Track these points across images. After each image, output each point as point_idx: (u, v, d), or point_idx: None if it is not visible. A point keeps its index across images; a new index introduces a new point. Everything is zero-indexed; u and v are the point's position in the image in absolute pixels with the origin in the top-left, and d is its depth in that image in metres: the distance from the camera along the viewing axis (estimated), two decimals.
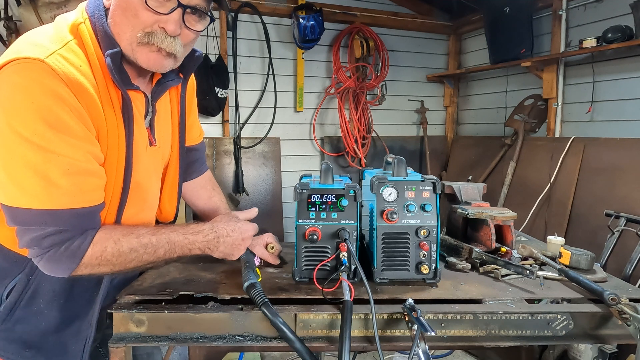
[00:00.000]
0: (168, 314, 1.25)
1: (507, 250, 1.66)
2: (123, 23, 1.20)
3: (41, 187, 1.11)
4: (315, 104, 5.12)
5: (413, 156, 5.54)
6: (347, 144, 5.05)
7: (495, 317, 1.27)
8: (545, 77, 4.31)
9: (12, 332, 1.32)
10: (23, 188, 1.11)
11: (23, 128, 1.08)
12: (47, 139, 1.09)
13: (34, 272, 1.29)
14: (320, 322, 1.26)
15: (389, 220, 1.42)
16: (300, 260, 1.45)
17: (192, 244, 1.35)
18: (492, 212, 1.69)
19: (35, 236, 1.14)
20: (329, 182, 1.50)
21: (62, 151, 1.12)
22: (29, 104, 1.07)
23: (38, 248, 1.16)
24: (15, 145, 1.09)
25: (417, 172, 1.61)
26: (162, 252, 1.29)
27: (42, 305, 1.32)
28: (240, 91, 4.70)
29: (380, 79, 5.16)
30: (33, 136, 1.08)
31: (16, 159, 1.09)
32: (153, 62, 1.24)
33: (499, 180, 4.57)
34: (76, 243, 1.17)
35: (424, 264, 1.43)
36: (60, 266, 1.18)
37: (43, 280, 1.31)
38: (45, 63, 1.09)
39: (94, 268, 1.22)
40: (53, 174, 1.11)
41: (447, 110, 5.78)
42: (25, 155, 1.09)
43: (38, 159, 1.09)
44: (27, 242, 1.16)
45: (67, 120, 1.12)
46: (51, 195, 1.12)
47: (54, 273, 1.20)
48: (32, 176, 1.10)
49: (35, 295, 1.31)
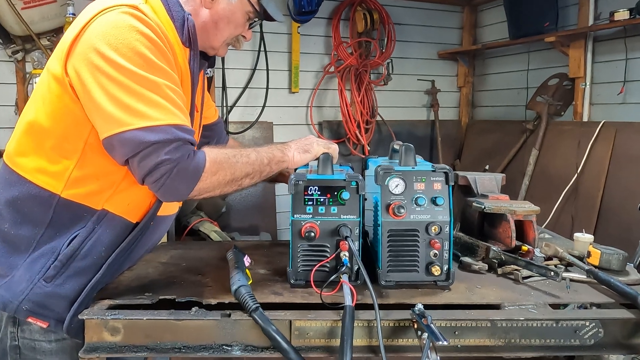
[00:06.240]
0: (146, 320, 1.25)
1: (529, 249, 1.66)
2: (224, 29, 1.60)
3: (160, 105, 1.33)
4: (313, 84, 5.11)
5: (423, 143, 5.53)
6: (349, 130, 5.04)
7: (515, 325, 1.27)
8: (571, 54, 4.30)
9: (62, 288, 1.41)
10: (142, 110, 1.31)
11: (132, 61, 1.32)
12: (155, 68, 1.35)
13: (101, 220, 1.44)
14: (318, 330, 1.26)
15: (395, 215, 1.41)
16: (296, 260, 1.44)
17: (272, 147, 1.60)
18: (511, 206, 1.69)
19: (166, 150, 1.32)
20: (328, 173, 1.49)
21: (167, 79, 1.37)
22: (133, 41, 1.32)
23: (168, 164, 1.32)
24: (126, 77, 1.31)
25: (427, 161, 1.61)
26: (254, 156, 1.52)
27: (103, 254, 1.44)
28: (227, 70, 4.67)
29: (385, 56, 5.14)
30: (143, 67, 1.33)
31: (131, 88, 1.31)
32: (225, 53, 1.71)
33: (519, 170, 4.57)
34: (197, 152, 1.40)
35: (435, 264, 1.43)
36: (186, 180, 1.37)
37: (111, 228, 1.45)
38: (139, 10, 1.37)
39: (213, 177, 1.41)
40: (164, 95, 1.35)
41: (461, 92, 5.77)
42: (139, 83, 1.32)
43: (149, 84, 1.33)
44: (153, 165, 1.32)
45: (162, 59, 1.38)
46: (170, 111, 1.34)
47: (177, 193, 1.39)
48: (150, 98, 1.32)
49: (96, 243, 1.43)
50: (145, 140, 1.30)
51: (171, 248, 1.94)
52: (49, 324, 1.41)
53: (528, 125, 4.62)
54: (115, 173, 1.43)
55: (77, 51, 1.34)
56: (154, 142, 1.31)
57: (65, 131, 1.39)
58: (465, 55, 5.60)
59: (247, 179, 1.51)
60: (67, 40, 1.36)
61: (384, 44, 5.16)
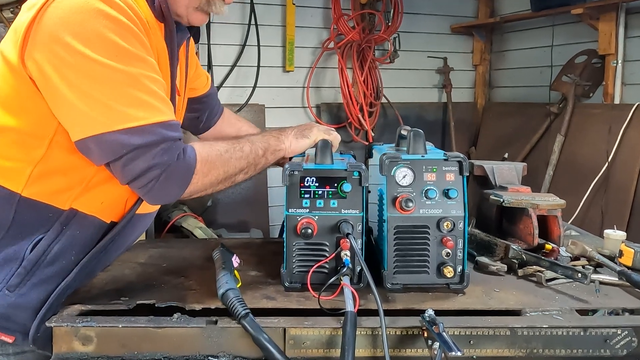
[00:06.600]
0: (122, 328, 1.25)
1: (554, 248, 1.66)
2: None
3: (141, 101, 1.31)
4: (310, 62, 5.11)
5: (434, 128, 5.56)
6: (350, 113, 5.04)
7: (538, 333, 1.27)
8: (601, 27, 4.29)
9: (28, 297, 1.40)
10: (121, 108, 1.29)
11: (102, 52, 1.27)
12: (129, 57, 1.30)
13: (69, 221, 1.42)
14: (316, 340, 1.26)
15: (403, 209, 1.41)
16: (291, 260, 1.44)
17: (267, 136, 1.62)
18: (534, 200, 1.69)
19: (154, 154, 1.30)
20: (327, 162, 1.49)
21: (144, 68, 1.34)
22: (100, 28, 1.27)
23: (156, 169, 1.31)
24: (98, 71, 1.27)
25: (438, 149, 1.61)
26: (248, 148, 1.52)
27: (73, 258, 1.43)
28: (214, 46, 4.67)
29: (391, 31, 5.13)
30: (115, 58, 1.28)
31: (106, 84, 1.28)
32: (201, 21, 1.58)
33: (542, 158, 4.58)
34: (187, 151, 1.38)
35: (448, 265, 1.43)
36: (177, 182, 1.37)
37: (81, 229, 1.44)
38: None
39: (205, 178, 1.41)
40: (144, 88, 1.32)
41: (477, 70, 5.78)
42: (114, 77, 1.29)
43: (126, 77, 1.30)
44: (140, 171, 1.31)
45: (136, 44, 1.33)
46: (153, 107, 1.32)
47: (166, 197, 1.39)
48: (128, 94, 1.30)
49: (65, 247, 1.42)
50: (129, 144, 1.28)
51: (150, 246, 1.93)
52: (15, 338, 1.40)
53: (552, 108, 4.63)
54: (85, 167, 1.40)
55: (37, 40, 1.28)
56: (138, 146, 1.29)
57: (25, 127, 1.36)
58: (482, 29, 5.60)
59: (241, 175, 1.51)
60: (21, 24, 1.29)
61: (389, 16, 5.16)
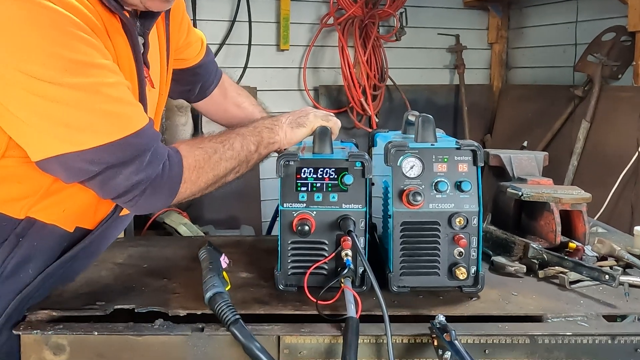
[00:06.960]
0: (98, 336, 1.25)
1: (578, 247, 1.67)
2: None
3: (108, 113, 1.28)
4: (307, 39, 5.11)
5: (445, 113, 5.54)
6: (352, 97, 5.04)
7: (561, 341, 1.28)
8: (631, 1, 4.28)
9: None
10: (84, 126, 1.26)
11: (53, 70, 1.22)
12: (81, 67, 1.25)
13: (26, 232, 1.40)
14: (314, 348, 1.27)
15: (410, 204, 1.41)
16: (286, 260, 1.45)
17: (259, 127, 1.63)
18: (556, 193, 1.69)
19: (134, 169, 1.30)
20: (327, 151, 1.49)
21: (103, 74, 1.30)
22: (43, 41, 1.21)
23: (141, 185, 1.32)
24: (50, 91, 1.22)
25: (450, 136, 1.61)
26: (239, 145, 1.54)
27: (30, 271, 1.42)
28: (200, 22, 4.65)
29: (398, 5, 5.12)
30: (65, 72, 1.23)
31: (61, 103, 1.23)
32: (158, 7, 1.47)
33: (565, 147, 4.58)
34: (172, 159, 1.40)
35: (460, 265, 1.43)
36: (164, 193, 1.39)
37: (40, 239, 1.42)
38: None
39: (193, 185, 1.45)
40: (107, 97, 1.29)
41: (493, 49, 5.78)
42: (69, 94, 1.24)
43: (85, 88, 1.25)
44: (124, 190, 1.32)
45: (88, 46, 1.28)
46: (122, 117, 1.31)
47: (153, 208, 1.44)
48: (89, 109, 1.26)
49: (23, 260, 1.41)
50: (100, 162, 1.28)
51: (130, 245, 1.93)
52: None
53: (577, 91, 4.62)
54: (42, 175, 1.36)
55: None
56: (112, 164, 1.28)
57: None
58: (498, 3, 5.58)
59: (232, 175, 1.54)
60: None
61: None
